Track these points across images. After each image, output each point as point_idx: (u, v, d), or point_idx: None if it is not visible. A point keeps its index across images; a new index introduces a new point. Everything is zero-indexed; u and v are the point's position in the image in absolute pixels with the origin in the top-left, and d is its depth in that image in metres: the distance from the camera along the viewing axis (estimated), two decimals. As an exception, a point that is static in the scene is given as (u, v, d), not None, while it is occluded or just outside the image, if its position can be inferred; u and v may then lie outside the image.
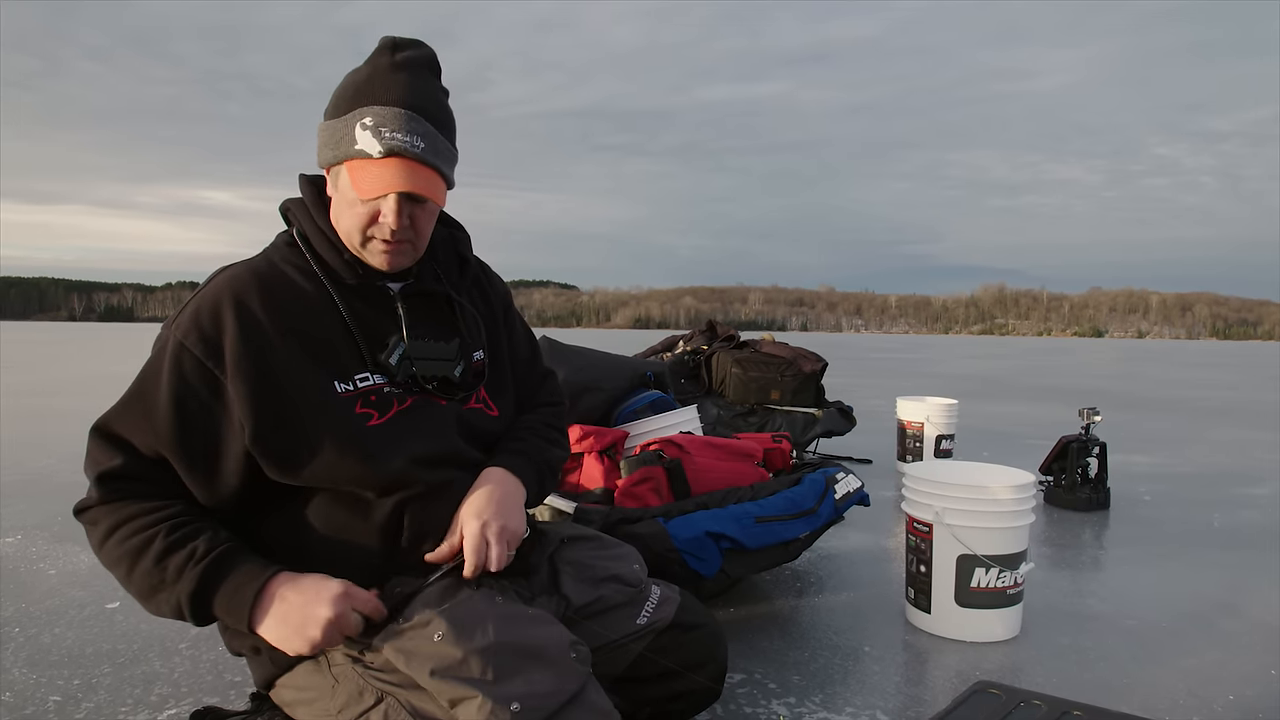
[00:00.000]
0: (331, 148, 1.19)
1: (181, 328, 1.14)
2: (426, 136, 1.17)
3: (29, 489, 4.10)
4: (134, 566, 1.10)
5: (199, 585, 1.08)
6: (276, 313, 1.17)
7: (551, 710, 1.02)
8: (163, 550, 1.09)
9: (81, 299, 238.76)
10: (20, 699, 1.86)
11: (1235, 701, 1.91)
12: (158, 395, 1.13)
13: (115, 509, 1.12)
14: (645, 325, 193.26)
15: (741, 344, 4.77)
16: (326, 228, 1.24)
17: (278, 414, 1.13)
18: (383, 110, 1.15)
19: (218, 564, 1.09)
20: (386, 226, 1.18)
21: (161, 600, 1.10)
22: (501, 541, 1.19)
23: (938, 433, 4.60)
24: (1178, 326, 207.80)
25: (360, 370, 1.20)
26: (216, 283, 1.19)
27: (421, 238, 1.24)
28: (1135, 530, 3.55)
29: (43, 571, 2.80)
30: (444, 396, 1.28)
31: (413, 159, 1.15)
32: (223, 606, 1.09)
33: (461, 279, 1.39)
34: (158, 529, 1.10)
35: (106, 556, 1.13)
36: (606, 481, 2.38)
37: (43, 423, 6.61)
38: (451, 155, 1.24)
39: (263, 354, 1.14)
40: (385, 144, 1.14)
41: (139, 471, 1.14)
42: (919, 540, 2.31)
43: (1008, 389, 11.43)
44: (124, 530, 1.11)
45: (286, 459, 1.14)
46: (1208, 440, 6.43)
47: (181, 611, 1.09)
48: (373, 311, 1.25)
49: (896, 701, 1.89)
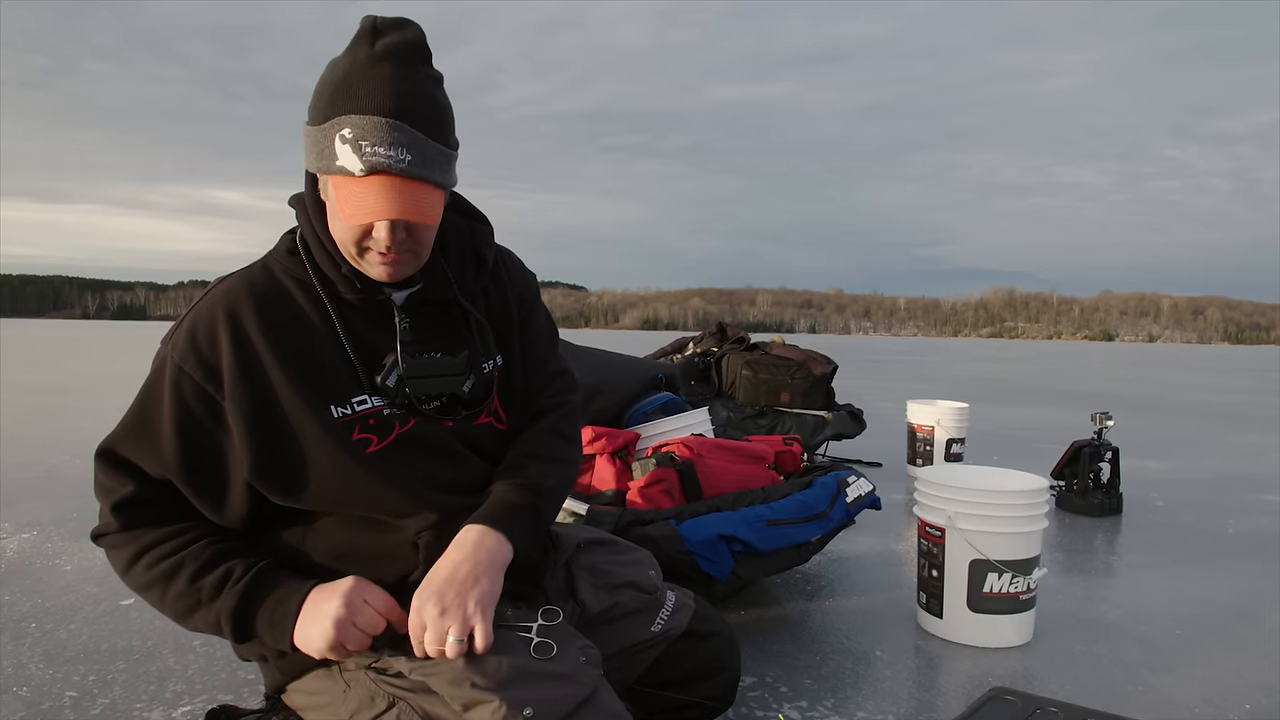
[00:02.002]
0: (315, 157, 1.09)
1: (179, 349, 1.11)
2: (413, 146, 1.04)
3: (45, 485, 4.13)
4: (166, 589, 1.10)
5: (240, 603, 1.08)
6: (272, 333, 1.13)
7: (564, 714, 1.01)
8: (195, 572, 1.09)
9: (95, 297, 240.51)
10: (37, 694, 1.88)
11: (1251, 710, 1.89)
12: (161, 423, 1.11)
13: (135, 536, 1.12)
14: (654, 326, 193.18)
15: (752, 346, 4.76)
16: (325, 236, 1.16)
17: (274, 446, 1.10)
18: (361, 121, 1.03)
19: (257, 582, 1.09)
20: (381, 242, 1.09)
21: (199, 619, 1.10)
22: (439, 628, 1.05)
23: (948, 436, 4.58)
24: (1189, 331, 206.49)
25: (358, 393, 1.14)
26: (211, 297, 1.15)
27: (422, 246, 1.15)
28: (1148, 536, 3.53)
29: (58, 567, 2.82)
30: (449, 416, 1.21)
31: (398, 174, 1.04)
32: (264, 623, 1.09)
33: (477, 280, 1.29)
34: (185, 553, 1.10)
35: (134, 581, 1.12)
36: (618, 483, 2.39)
37: (58, 420, 6.66)
38: (445, 159, 1.10)
39: (258, 379, 1.11)
40: (367, 161, 1.02)
41: (151, 496, 1.12)
42: (931, 544, 2.30)
43: (1018, 392, 11.39)
44: (150, 556, 1.10)
45: (288, 489, 1.12)
46: (1221, 445, 6.38)
47: (220, 629, 1.09)
48: (372, 328, 1.18)
49: (908, 707, 1.88)
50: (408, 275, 1.17)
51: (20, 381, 10.14)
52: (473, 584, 1.08)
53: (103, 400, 8.18)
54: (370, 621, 1.07)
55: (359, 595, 1.08)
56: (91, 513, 1.17)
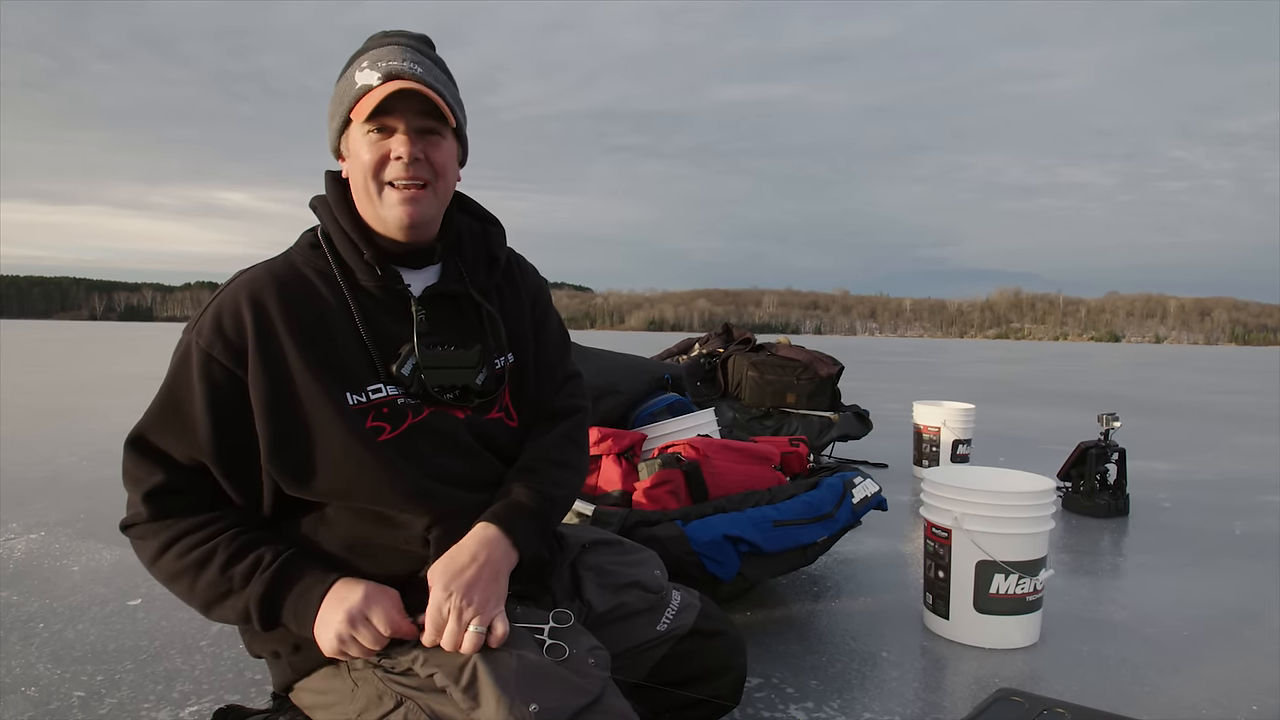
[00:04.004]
0: (338, 116, 1.19)
1: (205, 336, 1.13)
2: (425, 66, 1.17)
3: (52, 486, 4.15)
4: (197, 578, 1.11)
5: (268, 589, 1.10)
6: (293, 318, 1.15)
7: (570, 713, 1.02)
8: (226, 560, 1.11)
9: (102, 299, 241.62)
10: (45, 694, 1.88)
11: (1258, 711, 1.89)
12: (192, 408, 1.13)
13: (166, 525, 1.13)
14: (659, 328, 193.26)
15: (758, 347, 4.76)
16: (348, 225, 1.21)
17: (288, 430, 1.12)
18: (378, 50, 1.17)
19: (285, 569, 1.11)
20: (401, 164, 1.15)
21: (227, 607, 1.12)
22: (460, 622, 1.07)
23: (954, 437, 4.57)
24: (1196, 332, 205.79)
25: (374, 381, 1.17)
26: (235, 284, 1.18)
27: (441, 177, 1.20)
28: (1155, 537, 3.51)
29: (66, 568, 2.83)
30: (462, 407, 1.23)
31: (411, 79, 1.14)
32: (290, 610, 1.11)
33: (490, 278, 1.33)
34: (217, 541, 1.12)
35: (162, 571, 1.14)
36: (624, 484, 2.39)
37: (66, 420, 6.68)
38: (455, 96, 1.22)
39: (277, 362, 1.13)
40: (382, 70, 1.14)
41: (181, 484, 1.14)
42: (937, 546, 2.30)
43: (1024, 394, 11.36)
44: (181, 545, 1.12)
45: (299, 475, 1.13)
46: (1228, 447, 6.36)
47: (249, 616, 1.11)
48: (389, 318, 1.21)
49: (915, 708, 1.88)
50: (429, 216, 1.22)
51: (28, 383, 10.18)
52: (492, 579, 1.12)
53: (111, 402, 8.21)
54: (373, 639, 1.09)
55: (364, 610, 1.09)
56: (98, 514, 1.18)
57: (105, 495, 3.81)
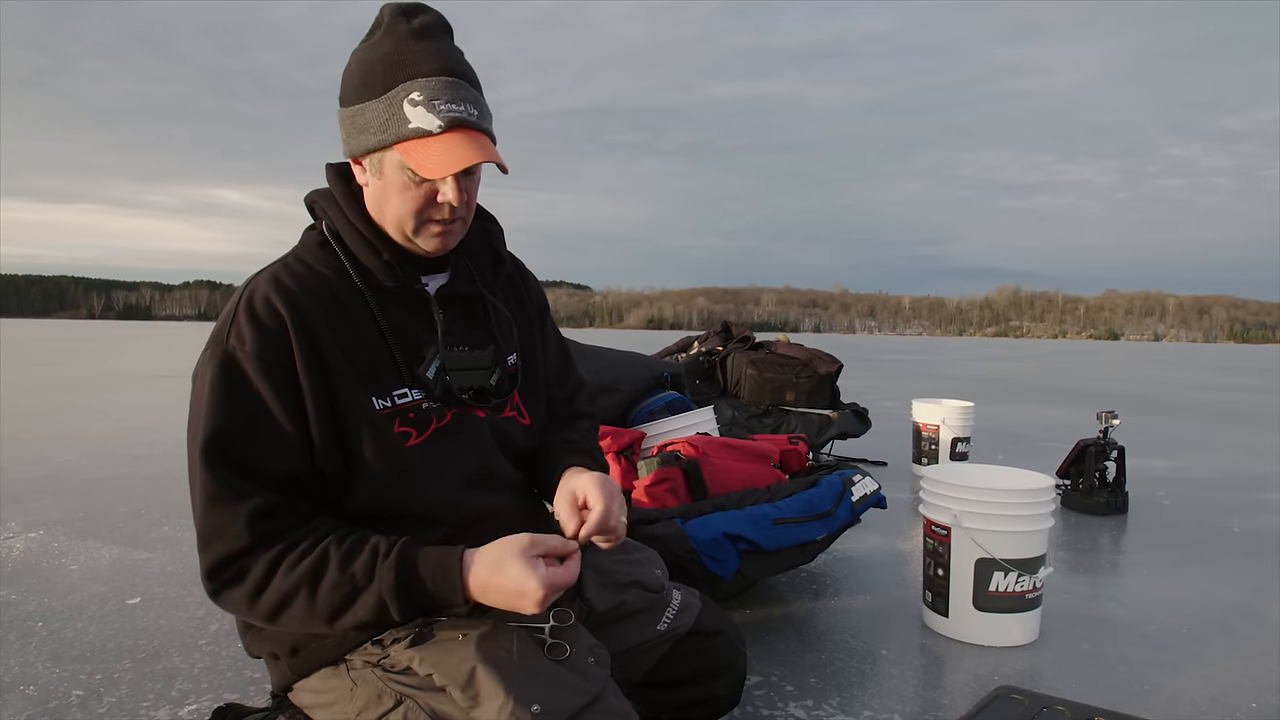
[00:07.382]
0: (375, 133, 1.10)
1: (250, 341, 1.08)
2: (475, 102, 1.12)
3: (51, 485, 4.14)
4: (317, 586, 1.05)
5: (399, 574, 1.04)
6: (324, 319, 1.12)
7: (571, 713, 1.01)
8: (342, 559, 1.05)
9: (101, 297, 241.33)
10: (44, 693, 1.88)
11: (1258, 709, 1.89)
12: (275, 417, 1.08)
13: (266, 549, 1.06)
14: (658, 326, 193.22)
15: (757, 345, 4.76)
16: (360, 223, 1.17)
17: (325, 433, 1.09)
18: (429, 82, 1.08)
19: (405, 552, 1.06)
20: (446, 206, 1.12)
21: (359, 606, 1.05)
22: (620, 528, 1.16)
23: (953, 435, 4.57)
24: (1195, 330, 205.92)
25: (399, 385, 1.15)
26: (260, 284, 1.13)
27: (470, 212, 1.19)
28: (1154, 535, 3.52)
29: (64, 567, 2.82)
30: (480, 406, 1.22)
31: (473, 128, 1.09)
32: (435, 582, 1.05)
33: (495, 276, 1.33)
34: (326, 544, 1.06)
35: (275, 592, 1.06)
36: (624, 482, 2.39)
37: (65, 419, 6.67)
38: (492, 120, 1.18)
39: (321, 361, 1.10)
40: (444, 117, 1.07)
41: (274, 505, 1.08)
42: (937, 543, 2.30)
43: (1023, 391, 11.36)
44: (290, 559, 1.06)
45: (332, 480, 1.11)
46: (1227, 444, 6.36)
47: (384, 608, 1.05)
48: (410, 319, 1.19)
49: (914, 705, 1.88)
50: (453, 246, 1.21)
51: (27, 381, 10.17)
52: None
53: (110, 400, 8.21)
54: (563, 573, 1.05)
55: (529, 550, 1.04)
56: (97, 513, 1.17)
57: (104, 494, 3.81)
